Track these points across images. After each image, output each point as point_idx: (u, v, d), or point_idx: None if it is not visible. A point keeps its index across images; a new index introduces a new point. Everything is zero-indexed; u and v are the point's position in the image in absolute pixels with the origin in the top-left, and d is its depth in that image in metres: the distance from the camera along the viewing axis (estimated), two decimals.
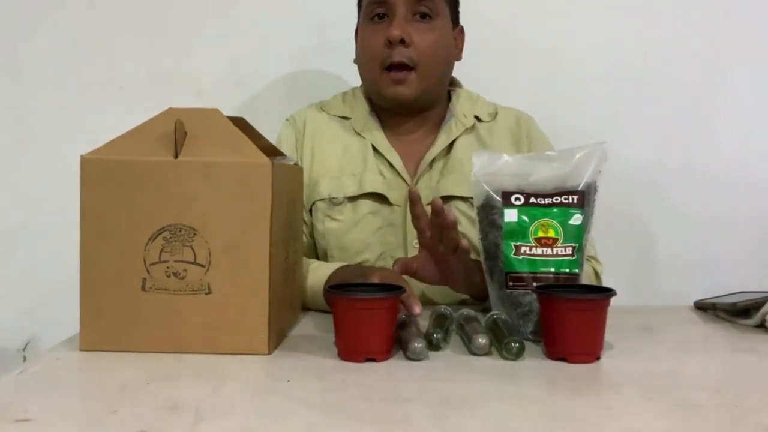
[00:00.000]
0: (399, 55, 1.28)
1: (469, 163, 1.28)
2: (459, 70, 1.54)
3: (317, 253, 1.38)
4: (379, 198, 1.34)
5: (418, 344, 0.91)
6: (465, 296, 1.23)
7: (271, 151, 1.08)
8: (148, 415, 0.72)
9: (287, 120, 1.44)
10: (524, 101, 1.66)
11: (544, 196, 1.06)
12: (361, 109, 1.40)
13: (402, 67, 1.30)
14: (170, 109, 0.97)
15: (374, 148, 1.36)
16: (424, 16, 1.31)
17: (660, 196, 1.71)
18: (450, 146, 1.37)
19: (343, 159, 1.37)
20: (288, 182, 1.06)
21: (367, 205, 1.34)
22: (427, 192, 1.33)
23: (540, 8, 1.71)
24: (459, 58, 1.42)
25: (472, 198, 1.26)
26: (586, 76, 1.70)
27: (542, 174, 1.08)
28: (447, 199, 1.32)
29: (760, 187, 1.71)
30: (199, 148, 0.94)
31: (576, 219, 1.05)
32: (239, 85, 1.69)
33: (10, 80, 1.69)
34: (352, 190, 1.34)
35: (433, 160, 1.36)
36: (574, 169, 1.08)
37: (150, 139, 0.94)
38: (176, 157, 0.93)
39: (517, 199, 1.06)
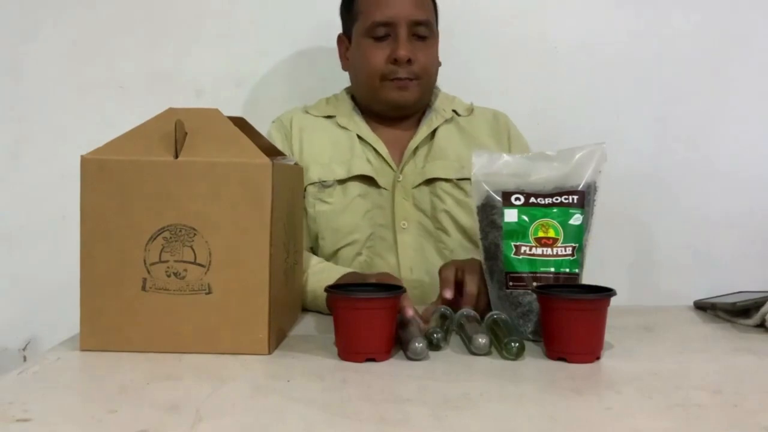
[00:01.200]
0: (405, 72, 1.38)
1: (451, 150, 1.43)
2: (460, 70, 1.55)
3: (309, 237, 1.42)
4: (368, 181, 1.41)
5: (418, 344, 0.92)
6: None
7: (271, 151, 1.08)
8: (148, 415, 0.72)
9: (274, 122, 1.49)
10: (524, 101, 1.67)
11: (544, 196, 1.06)
12: (344, 107, 1.48)
13: (405, 80, 1.39)
14: (170, 109, 0.97)
15: (360, 138, 1.43)
16: (422, 36, 1.40)
17: (660, 196, 1.71)
18: (432, 136, 1.45)
19: (332, 150, 1.43)
20: (288, 182, 1.06)
21: (356, 187, 1.40)
22: (413, 177, 1.41)
23: (540, 8, 1.71)
24: (440, 63, 1.50)
25: (456, 179, 1.40)
26: (586, 76, 1.70)
27: (542, 174, 1.08)
28: (432, 180, 1.41)
29: (760, 188, 1.71)
30: (199, 148, 0.94)
31: (576, 219, 1.05)
32: (239, 85, 1.70)
33: (11, 81, 1.69)
34: (342, 174, 1.40)
35: (417, 148, 1.43)
36: (574, 169, 1.08)
37: (150, 139, 0.94)
38: (176, 157, 0.93)
39: (517, 199, 1.06)
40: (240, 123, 1.00)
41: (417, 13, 1.38)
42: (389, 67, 1.38)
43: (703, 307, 1.27)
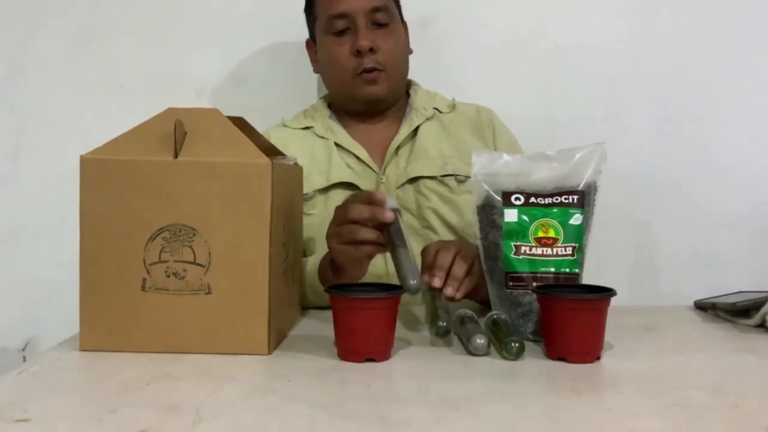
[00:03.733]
0: (370, 62, 1.38)
1: (433, 147, 1.41)
2: (459, 70, 1.54)
3: None
4: (350, 187, 1.39)
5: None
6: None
7: (271, 151, 1.08)
8: (148, 415, 0.72)
9: None
10: (524, 101, 1.66)
11: (544, 196, 1.06)
12: (321, 117, 1.47)
13: (372, 70, 1.38)
14: (170, 109, 0.97)
15: (338, 145, 1.42)
16: (382, 23, 1.39)
17: (660, 196, 1.71)
18: (414, 134, 1.44)
19: (310, 162, 1.41)
20: (288, 182, 1.06)
21: (338, 194, 1.39)
22: (396, 177, 1.40)
23: (540, 8, 1.71)
24: (411, 51, 1.50)
25: (440, 176, 1.39)
26: (586, 76, 1.70)
27: (542, 174, 1.08)
28: (416, 179, 1.39)
29: (760, 187, 1.71)
30: (199, 148, 0.94)
31: (576, 219, 1.05)
32: (239, 85, 1.70)
33: (11, 81, 1.69)
34: (321, 183, 1.39)
35: (399, 148, 1.42)
36: (574, 169, 1.08)
37: (150, 139, 0.94)
38: (176, 157, 0.93)
39: (517, 199, 1.06)
40: (240, 123, 1.00)
41: (372, 0, 1.37)
42: (354, 60, 1.38)
43: (703, 307, 1.27)
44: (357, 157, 1.41)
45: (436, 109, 1.47)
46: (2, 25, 1.68)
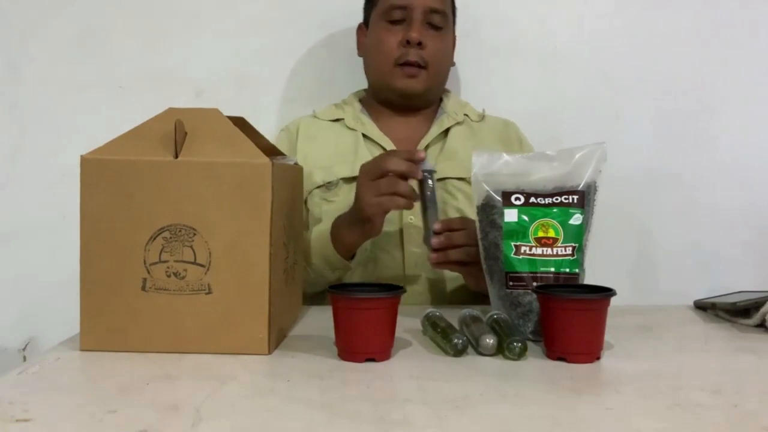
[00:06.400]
0: (414, 55, 1.41)
1: (463, 152, 1.42)
2: (460, 70, 1.53)
3: None
4: None
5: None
6: (461, 297, 1.24)
7: (271, 151, 1.08)
8: (148, 415, 0.72)
9: (282, 130, 1.51)
10: (524, 101, 1.66)
11: (544, 195, 1.06)
12: (352, 109, 1.49)
13: (414, 64, 1.41)
14: (170, 109, 0.97)
15: (365, 137, 1.44)
16: (436, 26, 1.44)
17: (660, 196, 1.71)
18: (444, 136, 1.46)
19: (336, 153, 1.43)
20: (288, 182, 1.06)
21: None
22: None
23: (540, 8, 1.71)
24: (453, 63, 1.54)
25: (468, 177, 1.34)
26: (586, 76, 1.70)
27: (542, 174, 1.08)
28: (444, 179, 1.40)
29: (760, 187, 1.71)
30: (199, 148, 0.94)
31: (576, 219, 1.05)
32: (239, 85, 1.70)
33: (10, 80, 1.69)
34: (346, 173, 1.40)
35: (428, 147, 1.44)
36: (574, 169, 1.08)
37: (150, 139, 0.94)
38: (176, 157, 0.93)
39: (517, 198, 1.06)
40: (240, 123, 1.00)
41: (434, 1, 1.42)
42: (401, 49, 1.41)
43: (703, 307, 1.27)
44: (384, 150, 1.42)
45: (466, 115, 1.50)
46: (2, 25, 1.68)
